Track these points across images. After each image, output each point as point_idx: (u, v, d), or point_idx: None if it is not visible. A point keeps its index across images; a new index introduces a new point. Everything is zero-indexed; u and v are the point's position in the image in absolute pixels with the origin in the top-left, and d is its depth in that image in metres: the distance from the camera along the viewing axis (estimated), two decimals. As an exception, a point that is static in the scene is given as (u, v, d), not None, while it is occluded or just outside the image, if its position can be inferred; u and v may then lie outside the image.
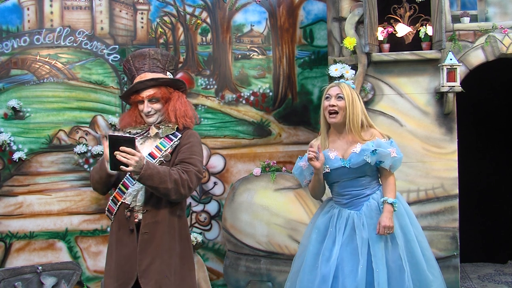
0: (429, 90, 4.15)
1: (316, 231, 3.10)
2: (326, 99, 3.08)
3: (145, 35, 4.86)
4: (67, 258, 4.69)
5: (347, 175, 3.02)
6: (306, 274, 3.03)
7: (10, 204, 4.67)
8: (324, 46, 4.87)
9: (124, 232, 2.73)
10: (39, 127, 4.71)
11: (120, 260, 2.71)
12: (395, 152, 2.99)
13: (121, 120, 2.98)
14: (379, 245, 2.93)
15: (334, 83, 3.12)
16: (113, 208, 2.77)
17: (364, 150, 2.96)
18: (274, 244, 4.38)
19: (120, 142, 2.52)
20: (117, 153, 2.51)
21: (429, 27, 4.09)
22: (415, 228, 3.06)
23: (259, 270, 4.40)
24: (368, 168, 3.01)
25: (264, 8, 4.95)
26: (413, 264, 2.94)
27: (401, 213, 3.05)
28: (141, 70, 2.87)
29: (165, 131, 2.82)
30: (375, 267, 2.88)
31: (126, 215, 2.72)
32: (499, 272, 5.01)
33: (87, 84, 4.76)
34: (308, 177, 3.16)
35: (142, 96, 2.80)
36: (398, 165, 3.05)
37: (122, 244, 2.72)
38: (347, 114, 3.00)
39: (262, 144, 4.92)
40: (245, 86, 4.92)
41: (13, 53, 4.71)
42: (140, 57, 2.89)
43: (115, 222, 2.79)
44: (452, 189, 4.13)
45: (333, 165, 3.01)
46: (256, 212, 4.39)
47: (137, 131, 2.87)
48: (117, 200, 2.75)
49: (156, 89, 2.81)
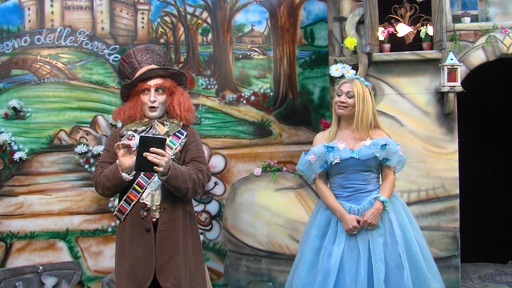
0: (430, 90, 4.15)
1: (317, 227, 3.10)
2: (337, 95, 3.10)
3: (145, 35, 4.86)
4: (68, 258, 4.69)
5: (353, 166, 3.03)
6: (306, 270, 3.02)
7: (11, 204, 4.67)
8: (324, 46, 4.87)
9: (139, 232, 2.70)
10: (39, 127, 4.71)
11: (135, 260, 2.69)
12: (402, 152, 3.07)
13: (120, 113, 2.86)
14: (378, 241, 2.94)
15: (348, 78, 3.13)
16: (126, 208, 2.74)
17: (374, 143, 3.00)
18: (274, 244, 4.38)
19: (150, 143, 2.52)
20: (147, 154, 2.51)
21: (429, 27, 4.09)
22: (414, 228, 3.07)
23: (260, 270, 4.40)
24: (375, 163, 3.04)
25: (264, 8, 4.95)
26: (412, 263, 2.94)
27: (399, 212, 3.06)
28: (145, 62, 2.86)
29: (173, 129, 2.82)
30: (374, 262, 2.89)
31: (142, 214, 2.70)
32: (500, 272, 5.01)
33: (87, 84, 4.77)
34: (318, 170, 3.10)
35: (149, 84, 2.78)
36: (402, 166, 3.12)
37: (137, 244, 2.70)
38: (356, 111, 3.02)
39: (262, 144, 4.92)
40: (246, 86, 4.92)
41: (14, 53, 4.72)
42: (144, 51, 2.89)
43: (127, 222, 2.74)
44: (453, 189, 4.13)
45: (342, 156, 3.02)
46: (256, 212, 4.39)
47: (142, 128, 2.82)
48: (131, 200, 2.72)
49: (163, 80, 2.81)
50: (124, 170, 2.63)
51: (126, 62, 2.91)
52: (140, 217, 2.70)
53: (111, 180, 2.66)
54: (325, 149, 3.04)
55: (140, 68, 2.85)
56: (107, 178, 2.68)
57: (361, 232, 2.98)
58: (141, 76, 2.78)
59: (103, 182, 2.70)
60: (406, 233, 3.00)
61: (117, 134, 2.85)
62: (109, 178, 2.67)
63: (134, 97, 2.85)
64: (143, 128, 2.82)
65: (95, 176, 2.78)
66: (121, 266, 2.75)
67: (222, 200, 4.82)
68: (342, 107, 3.06)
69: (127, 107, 2.85)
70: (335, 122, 3.15)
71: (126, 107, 2.86)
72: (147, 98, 2.79)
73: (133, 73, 2.86)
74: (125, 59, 2.92)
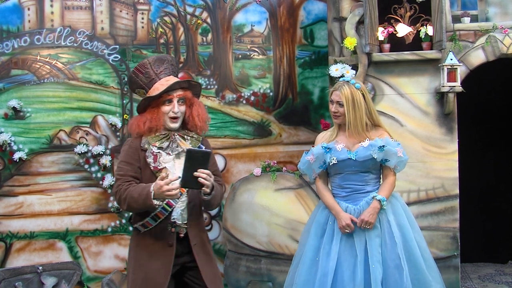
0: (430, 90, 4.15)
1: (316, 225, 3.12)
2: (330, 103, 3.12)
3: (145, 35, 4.86)
4: (68, 258, 4.69)
5: (351, 167, 3.04)
6: (306, 268, 3.04)
7: (11, 204, 4.67)
8: (324, 46, 4.87)
9: (160, 246, 2.75)
10: (39, 127, 4.71)
11: (151, 272, 2.73)
12: (402, 153, 3.04)
13: (139, 125, 2.80)
14: (375, 241, 2.94)
15: (337, 85, 3.11)
16: (151, 224, 2.76)
17: (372, 145, 3.00)
18: (274, 244, 4.37)
19: (197, 157, 2.57)
20: (198, 174, 2.57)
21: (429, 27, 4.09)
22: (414, 228, 3.06)
23: (260, 270, 4.39)
24: (373, 164, 3.04)
25: (264, 8, 4.95)
26: (411, 264, 2.94)
27: (399, 212, 3.06)
28: (162, 73, 2.86)
29: (195, 144, 2.85)
30: (371, 263, 2.89)
31: (170, 231, 2.75)
32: (500, 272, 5.01)
33: (87, 84, 4.77)
34: (317, 170, 3.14)
35: (172, 95, 2.78)
36: (402, 166, 3.10)
37: (155, 257, 2.74)
38: (347, 119, 3.03)
39: (262, 144, 4.92)
40: (246, 86, 4.92)
41: (14, 53, 4.71)
42: (160, 61, 2.89)
43: (149, 236, 2.77)
44: (453, 189, 4.13)
45: (339, 157, 3.03)
46: (256, 212, 4.39)
47: (165, 144, 2.79)
48: (158, 218, 2.74)
49: (185, 91, 2.83)
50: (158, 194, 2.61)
51: (141, 72, 2.87)
52: (165, 233, 2.75)
53: (140, 204, 2.65)
54: (323, 150, 3.06)
55: (158, 79, 2.84)
56: (135, 201, 2.65)
57: (358, 232, 2.98)
58: (170, 88, 2.76)
59: (130, 203, 2.67)
60: (406, 234, 2.99)
61: (138, 147, 2.79)
62: (138, 202, 2.65)
63: (153, 108, 2.80)
64: (166, 144, 2.80)
65: (119, 191, 2.71)
66: (135, 274, 2.78)
67: (222, 200, 4.81)
68: (335, 117, 3.10)
69: (147, 119, 2.79)
70: (336, 125, 3.16)
71: (146, 118, 2.79)
72: (169, 109, 2.78)
73: (150, 84, 2.84)
74: (140, 69, 2.87)
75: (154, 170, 2.75)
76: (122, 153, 2.85)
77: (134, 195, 2.65)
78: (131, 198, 2.66)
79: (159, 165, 2.75)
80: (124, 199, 2.68)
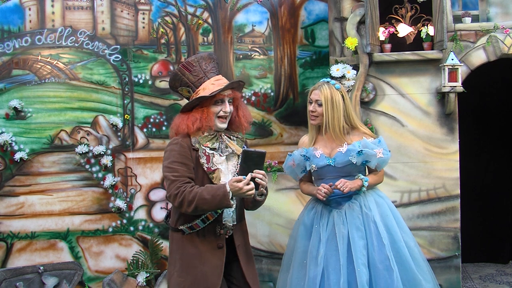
0: (431, 90, 4.15)
1: (303, 227, 3.13)
2: (309, 103, 3.10)
3: (146, 35, 4.86)
4: (69, 258, 4.69)
5: (332, 173, 3.04)
6: (296, 271, 3.06)
7: (12, 204, 4.67)
8: (325, 46, 4.87)
9: (209, 248, 2.72)
10: (40, 127, 4.71)
11: (201, 275, 2.69)
12: (382, 153, 3.00)
13: (189, 125, 2.72)
14: (359, 244, 2.92)
15: (317, 84, 3.10)
16: (200, 226, 2.72)
17: (350, 150, 2.98)
18: (275, 244, 4.38)
19: (253, 158, 2.56)
20: (254, 175, 2.56)
21: (430, 27, 4.09)
22: (402, 229, 3.04)
23: (261, 270, 4.39)
24: (354, 168, 3.03)
25: (265, 8, 4.95)
26: (400, 264, 2.92)
27: (386, 213, 3.04)
28: (211, 72, 2.80)
29: (240, 144, 2.83)
30: (356, 266, 2.87)
31: (219, 232, 2.73)
32: (501, 272, 5.01)
33: (88, 84, 4.77)
34: (300, 174, 3.17)
35: (224, 95, 2.74)
36: (384, 164, 3.07)
37: (204, 260, 2.71)
38: (325, 119, 3.02)
39: (263, 144, 4.92)
40: (247, 86, 4.92)
41: (15, 53, 4.72)
42: (208, 59, 2.83)
43: (196, 237, 2.73)
44: (454, 189, 4.13)
45: (318, 164, 3.04)
46: (257, 212, 4.35)
47: (216, 144, 2.75)
48: (207, 220, 2.70)
49: (233, 91, 2.81)
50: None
51: (188, 70, 2.79)
52: (213, 234, 2.73)
53: (214, 206, 2.58)
54: (302, 157, 3.07)
55: (207, 78, 2.78)
56: (207, 202, 2.56)
57: (341, 233, 2.96)
58: (227, 87, 2.74)
59: (200, 204, 2.56)
60: (393, 234, 2.98)
61: (190, 146, 2.72)
62: (212, 204, 2.57)
63: (202, 108, 2.73)
64: (217, 144, 2.76)
65: (181, 193, 2.59)
66: (182, 278, 2.72)
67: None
68: (313, 117, 3.07)
69: (197, 118, 2.71)
70: (311, 128, 3.14)
71: (195, 118, 2.72)
72: (220, 109, 2.74)
73: (198, 83, 2.77)
74: (188, 66, 2.79)
75: (208, 171, 2.70)
76: (172, 152, 2.70)
77: (206, 196, 2.55)
78: (201, 199, 2.55)
79: (212, 166, 2.71)
80: (190, 201, 2.56)
